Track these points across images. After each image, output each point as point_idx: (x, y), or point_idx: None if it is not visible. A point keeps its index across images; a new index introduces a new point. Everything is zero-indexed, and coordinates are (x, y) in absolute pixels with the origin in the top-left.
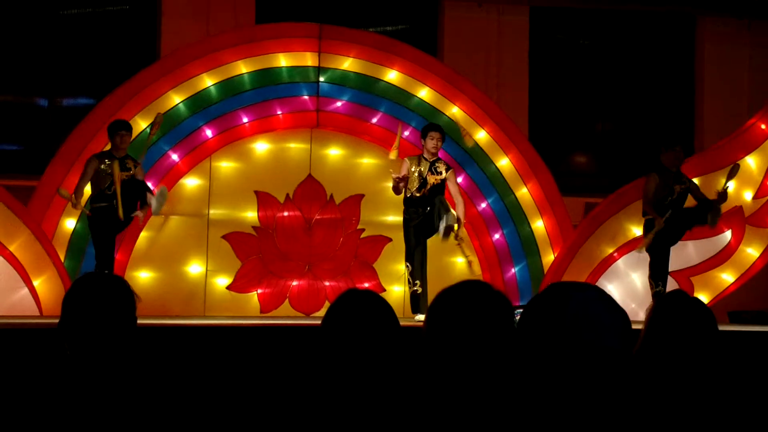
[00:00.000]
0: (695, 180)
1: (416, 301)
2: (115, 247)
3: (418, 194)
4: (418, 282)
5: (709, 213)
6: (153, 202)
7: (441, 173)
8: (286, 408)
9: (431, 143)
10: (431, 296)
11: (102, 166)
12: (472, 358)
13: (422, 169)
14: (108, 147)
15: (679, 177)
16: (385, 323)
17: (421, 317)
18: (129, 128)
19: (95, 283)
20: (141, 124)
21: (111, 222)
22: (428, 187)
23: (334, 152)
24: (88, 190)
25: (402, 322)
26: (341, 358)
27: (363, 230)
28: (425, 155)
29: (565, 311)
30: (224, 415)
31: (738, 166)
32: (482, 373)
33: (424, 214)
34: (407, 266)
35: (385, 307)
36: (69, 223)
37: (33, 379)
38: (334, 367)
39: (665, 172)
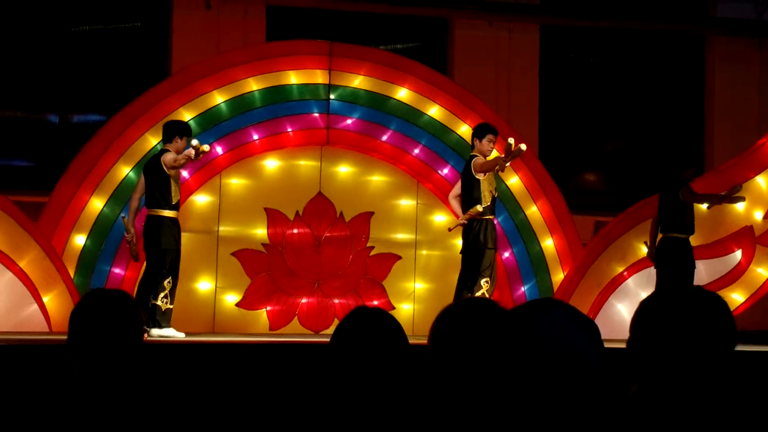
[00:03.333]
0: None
1: None
2: (127, 265)
3: (496, 195)
4: None
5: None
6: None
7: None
8: (295, 426)
9: (489, 146)
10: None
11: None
12: (475, 376)
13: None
14: (167, 147)
15: None
16: (394, 341)
17: None
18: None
19: (102, 299)
20: (151, 141)
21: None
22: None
23: (344, 170)
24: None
25: (412, 341)
26: (350, 376)
27: (372, 248)
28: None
29: (537, 336)
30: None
31: (740, 186)
32: (487, 391)
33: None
34: (486, 282)
35: (394, 324)
36: (79, 240)
37: (42, 395)
38: (343, 384)
39: (689, 187)
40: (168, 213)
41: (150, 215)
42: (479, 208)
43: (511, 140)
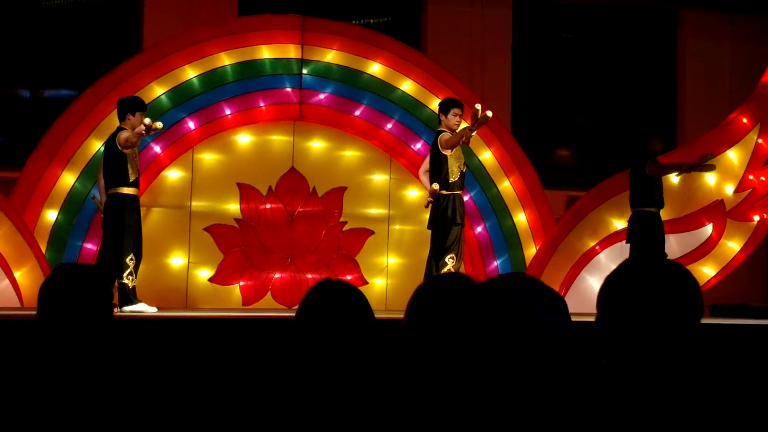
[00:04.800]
0: (674, 174)
1: None
2: (99, 240)
3: (463, 170)
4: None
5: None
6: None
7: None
8: (265, 400)
9: (454, 120)
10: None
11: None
12: (453, 351)
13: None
14: (125, 124)
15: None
16: (358, 314)
17: None
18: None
19: (71, 274)
20: None
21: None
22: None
23: (317, 145)
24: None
25: (385, 315)
26: (315, 349)
27: (345, 223)
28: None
29: (504, 311)
30: (204, 406)
31: (711, 155)
32: (463, 367)
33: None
34: (451, 258)
35: (359, 297)
36: (51, 215)
37: (13, 370)
38: (309, 358)
39: (656, 159)
40: (127, 190)
41: (110, 194)
42: (436, 186)
43: (478, 106)
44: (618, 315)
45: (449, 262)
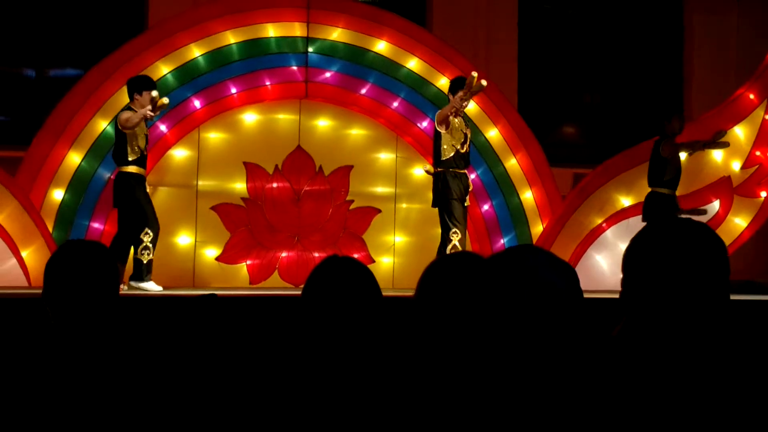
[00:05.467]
0: (689, 152)
1: None
2: (105, 219)
3: (462, 150)
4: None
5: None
6: None
7: (468, 126)
8: (272, 378)
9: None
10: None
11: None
12: (464, 328)
13: (462, 124)
14: (129, 105)
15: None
16: (365, 290)
17: None
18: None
19: (77, 250)
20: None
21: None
22: (468, 142)
23: (323, 123)
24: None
25: (392, 293)
26: (322, 325)
27: (352, 201)
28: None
29: (516, 282)
30: (210, 385)
31: (724, 132)
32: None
33: (464, 175)
34: (455, 234)
35: (366, 274)
36: (57, 194)
37: (21, 349)
38: (315, 334)
39: (672, 140)
40: (130, 169)
41: (117, 172)
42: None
43: (475, 74)
44: (644, 274)
45: (453, 238)
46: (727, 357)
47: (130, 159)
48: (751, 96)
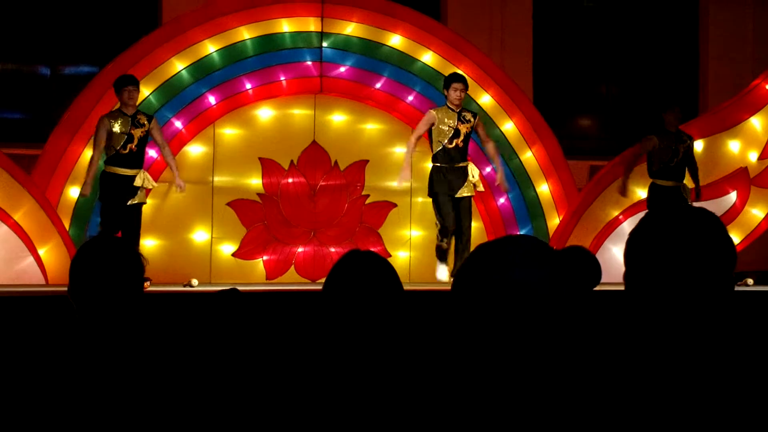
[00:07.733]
0: (700, 141)
1: (442, 254)
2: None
3: (450, 145)
4: (445, 240)
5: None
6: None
7: (470, 121)
8: (290, 373)
9: (455, 94)
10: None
11: (114, 125)
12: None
13: (451, 120)
14: (117, 106)
15: (680, 136)
16: (387, 283)
17: (443, 270)
18: (136, 83)
19: (104, 247)
20: (144, 92)
21: (122, 189)
22: (461, 137)
23: (338, 118)
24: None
25: (408, 287)
26: (343, 319)
27: (368, 196)
28: (450, 106)
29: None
30: (228, 380)
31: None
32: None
33: (454, 168)
34: (437, 225)
35: (387, 267)
36: (73, 192)
37: (38, 348)
38: (337, 328)
39: (666, 134)
40: (106, 167)
41: None
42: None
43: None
44: (647, 263)
45: (436, 229)
46: (731, 348)
47: (106, 157)
48: (767, 86)
